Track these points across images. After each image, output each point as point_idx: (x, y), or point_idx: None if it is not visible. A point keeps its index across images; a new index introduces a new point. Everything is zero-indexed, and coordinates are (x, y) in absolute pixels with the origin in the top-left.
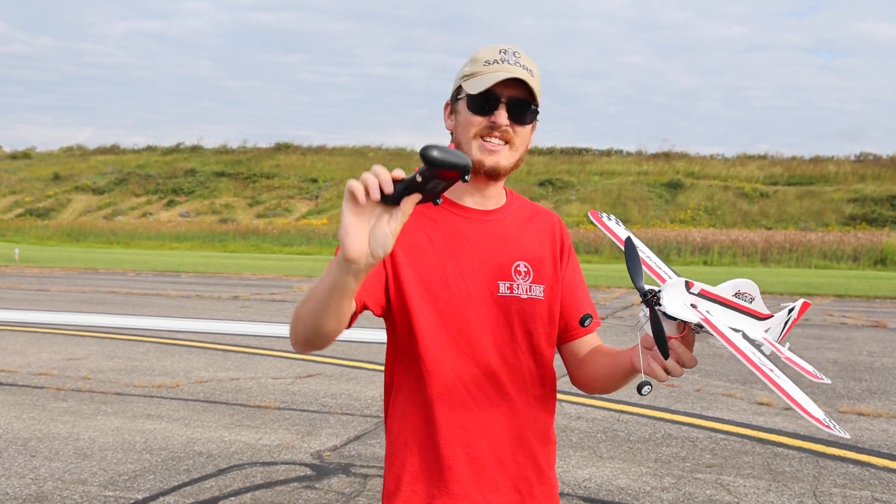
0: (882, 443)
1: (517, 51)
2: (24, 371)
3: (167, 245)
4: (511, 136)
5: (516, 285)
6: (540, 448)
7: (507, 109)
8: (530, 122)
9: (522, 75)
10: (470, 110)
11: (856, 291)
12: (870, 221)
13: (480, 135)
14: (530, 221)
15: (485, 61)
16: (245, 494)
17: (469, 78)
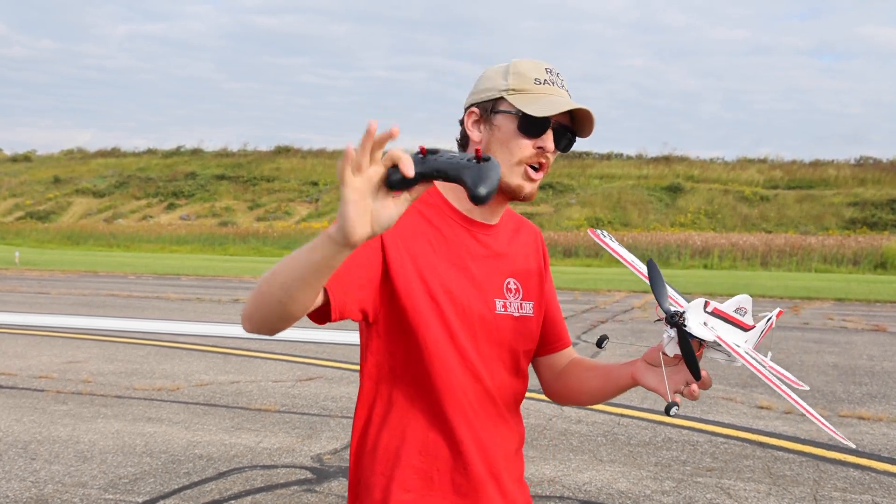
0: (882, 447)
1: (558, 72)
2: (25, 374)
3: (167, 248)
4: (549, 162)
5: (509, 303)
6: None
7: (554, 135)
8: (568, 148)
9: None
10: (520, 131)
11: (856, 295)
12: (870, 225)
13: (527, 162)
14: (517, 234)
15: (535, 79)
16: (245, 498)
17: (518, 94)
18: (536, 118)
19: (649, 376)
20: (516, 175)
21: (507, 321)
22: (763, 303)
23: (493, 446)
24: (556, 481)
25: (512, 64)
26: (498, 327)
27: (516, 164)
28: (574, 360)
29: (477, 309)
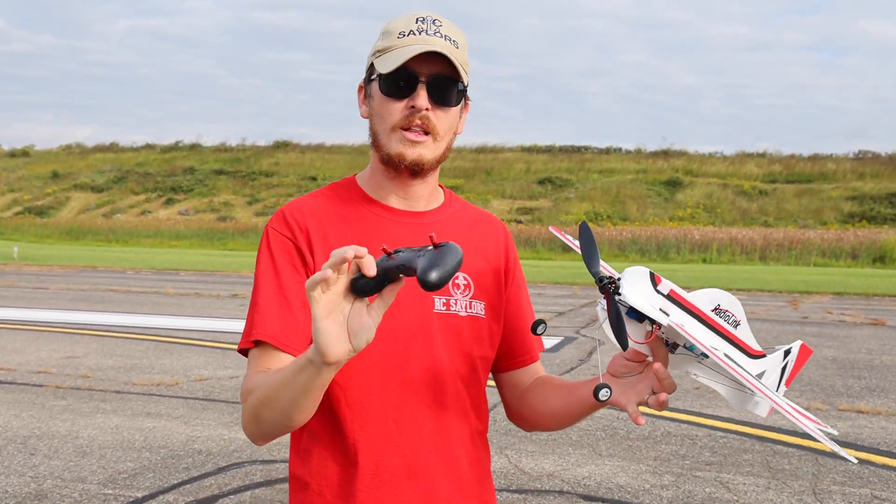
0: (881, 440)
1: (438, 18)
2: (23, 369)
3: (166, 243)
4: (433, 124)
5: (454, 301)
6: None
7: (427, 90)
8: (456, 103)
9: (442, 47)
10: (384, 93)
11: (854, 289)
12: (869, 219)
13: (401, 126)
14: (471, 228)
15: (398, 33)
16: (245, 493)
17: (381, 54)
18: (390, 73)
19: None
20: (395, 141)
21: (452, 321)
22: (762, 297)
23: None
24: (556, 475)
25: (385, 24)
26: (441, 328)
27: (391, 131)
28: (540, 377)
29: (409, 307)
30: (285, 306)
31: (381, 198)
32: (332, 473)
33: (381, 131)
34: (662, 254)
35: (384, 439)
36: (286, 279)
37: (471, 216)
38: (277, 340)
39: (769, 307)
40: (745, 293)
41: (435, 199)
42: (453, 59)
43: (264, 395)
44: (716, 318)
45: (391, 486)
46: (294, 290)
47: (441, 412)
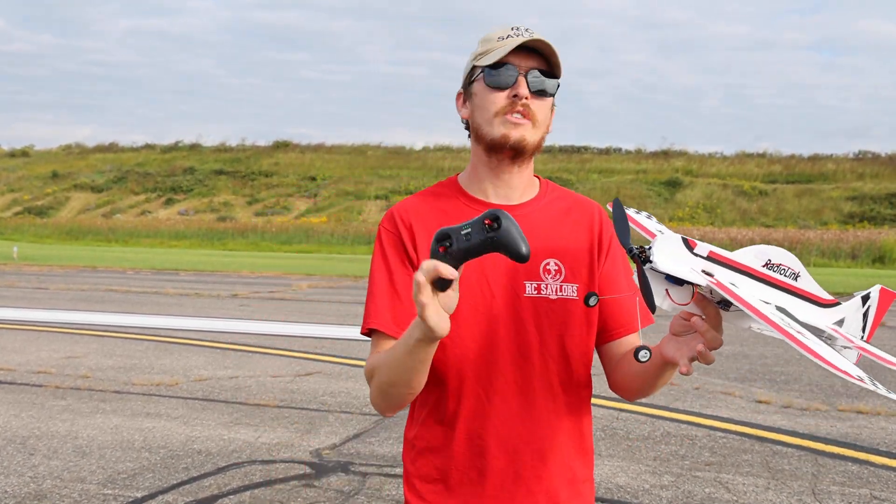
0: (881, 440)
1: (528, 28)
2: (23, 369)
3: (166, 243)
4: (532, 111)
5: (545, 285)
6: (574, 458)
7: (527, 80)
8: (551, 94)
9: (540, 43)
10: (488, 85)
11: (854, 289)
12: (868, 219)
13: (503, 112)
14: (567, 214)
15: (497, 38)
16: (244, 493)
17: (482, 56)
18: (496, 66)
19: (667, 346)
20: (498, 125)
21: (543, 304)
22: None
23: (520, 442)
24: None
25: (483, 36)
26: (533, 311)
27: (494, 117)
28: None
29: (501, 293)
30: (395, 297)
31: (479, 192)
32: (436, 435)
33: (484, 120)
34: None
35: (476, 408)
36: (396, 272)
37: (566, 203)
38: (389, 329)
39: None
40: None
41: (530, 190)
42: (551, 52)
43: (388, 377)
44: (769, 273)
45: (480, 447)
46: (402, 283)
47: (528, 387)
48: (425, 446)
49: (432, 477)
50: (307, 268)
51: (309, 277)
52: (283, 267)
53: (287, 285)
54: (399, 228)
